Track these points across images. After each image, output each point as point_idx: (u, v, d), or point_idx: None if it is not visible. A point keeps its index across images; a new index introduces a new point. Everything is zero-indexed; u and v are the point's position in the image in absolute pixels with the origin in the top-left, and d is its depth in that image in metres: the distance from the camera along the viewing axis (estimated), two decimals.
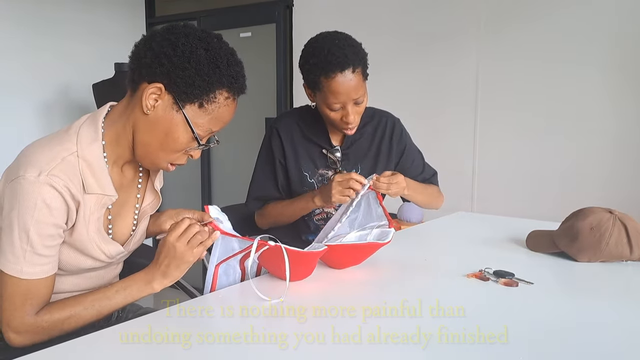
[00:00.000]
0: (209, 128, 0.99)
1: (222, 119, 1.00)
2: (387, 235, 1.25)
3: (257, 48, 3.73)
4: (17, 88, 3.23)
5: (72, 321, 0.96)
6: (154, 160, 1.01)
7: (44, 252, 0.92)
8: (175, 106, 0.96)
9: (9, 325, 0.93)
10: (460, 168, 2.83)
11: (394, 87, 2.99)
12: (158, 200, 1.18)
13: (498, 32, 2.66)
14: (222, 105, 0.98)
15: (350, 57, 1.37)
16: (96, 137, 0.98)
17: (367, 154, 1.62)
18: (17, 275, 0.91)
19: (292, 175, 1.58)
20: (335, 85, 1.37)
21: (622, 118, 2.36)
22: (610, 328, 0.90)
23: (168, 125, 0.96)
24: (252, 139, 3.56)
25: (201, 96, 0.95)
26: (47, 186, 0.89)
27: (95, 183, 0.97)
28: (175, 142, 0.98)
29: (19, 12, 3.20)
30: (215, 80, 0.95)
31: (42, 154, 0.93)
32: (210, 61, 0.94)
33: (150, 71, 0.94)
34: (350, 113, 1.41)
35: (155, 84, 0.94)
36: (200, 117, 0.97)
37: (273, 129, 1.61)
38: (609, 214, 1.28)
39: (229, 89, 0.97)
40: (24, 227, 0.89)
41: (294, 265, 1.07)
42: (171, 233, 1.00)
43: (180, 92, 0.94)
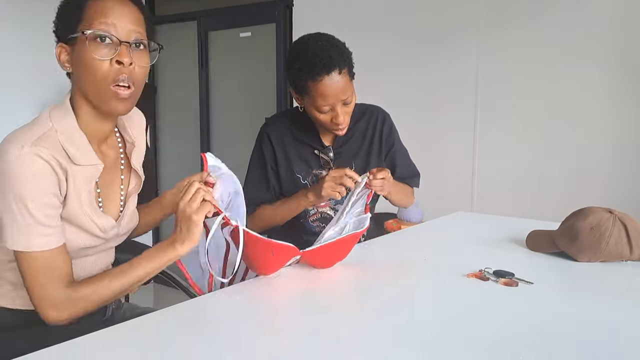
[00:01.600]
0: (98, 28, 0.96)
1: (104, 14, 0.97)
2: (364, 223, 1.24)
3: (257, 48, 3.73)
4: (16, 88, 3.23)
5: (104, 292, 0.97)
6: (101, 96, 0.99)
7: (47, 221, 0.93)
8: (70, 46, 0.99)
9: (45, 303, 0.94)
10: (460, 168, 2.83)
11: (394, 87, 2.99)
12: (140, 181, 1.19)
13: (498, 32, 2.66)
14: (92, 5, 0.98)
15: (335, 58, 1.36)
16: (67, 112, 1.01)
17: (359, 151, 1.61)
18: (27, 250, 0.92)
19: (284, 179, 1.58)
20: (322, 88, 1.36)
21: (622, 118, 2.36)
22: (610, 328, 0.90)
23: (82, 62, 0.97)
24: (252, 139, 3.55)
25: (78, 20, 0.98)
26: (33, 156, 0.91)
27: (78, 154, 0.99)
28: (92, 62, 0.96)
29: (19, 12, 3.20)
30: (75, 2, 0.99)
31: (20, 134, 0.95)
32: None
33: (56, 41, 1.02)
34: (339, 114, 1.40)
35: (57, 46, 1.01)
36: (86, 29, 0.97)
37: (264, 133, 1.61)
38: (609, 214, 1.28)
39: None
40: (21, 201, 0.90)
41: (259, 254, 1.06)
42: (182, 198, 1.01)
43: (63, 33, 1.00)
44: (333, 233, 1.28)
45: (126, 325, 0.90)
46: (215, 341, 0.84)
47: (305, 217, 1.60)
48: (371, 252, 1.44)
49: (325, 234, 1.28)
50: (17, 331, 1.05)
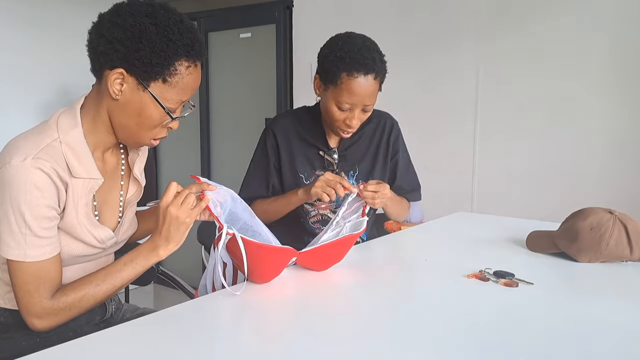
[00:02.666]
0: (179, 99, 1.01)
1: (189, 88, 1.01)
2: (360, 225, 1.24)
3: (257, 48, 3.73)
4: (17, 88, 3.23)
5: (88, 298, 0.98)
6: (135, 139, 1.04)
7: (43, 233, 0.94)
8: (140, 86, 0.97)
9: (30, 312, 0.94)
10: (460, 168, 2.83)
11: (394, 87, 2.98)
12: (140, 189, 1.20)
13: (498, 32, 2.66)
14: (186, 75, 0.99)
15: (378, 63, 1.39)
16: (75, 123, 1.00)
17: (364, 156, 1.61)
18: (22, 260, 0.92)
19: (286, 177, 1.57)
20: (354, 85, 1.37)
21: (622, 118, 2.36)
22: (611, 328, 0.90)
23: (139, 106, 0.98)
24: (252, 139, 3.54)
25: (162, 72, 0.96)
26: (34, 169, 0.91)
27: (80, 167, 0.99)
28: (149, 119, 1.00)
29: (19, 12, 3.20)
30: (171, 53, 0.95)
31: (25, 142, 0.95)
32: (162, 35, 0.94)
33: (108, 58, 0.95)
34: (355, 117, 1.41)
35: (116, 70, 0.95)
36: (167, 91, 0.98)
37: (269, 130, 1.60)
38: (609, 214, 1.27)
39: (187, 58, 0.98)
40: (19, 211, 0.91)
41: (257, 261, 1.05)
42: (162, 199, 1.02)
43: (141, 72, 0.95)
44: (329, 236, 1.28)
45: (126, 326, 0.90)
46: (215, 341, 0.84)
47: (306, 218, 1.60)
48: (371, 253, 1.44)
49: (321, 239, 1.27)
50: (16, 331, 1.05)
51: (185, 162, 4.19)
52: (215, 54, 3.99)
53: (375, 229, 1.79)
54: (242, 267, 1.05)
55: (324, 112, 1.49)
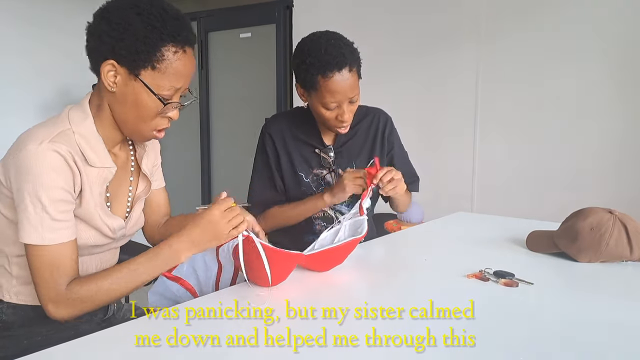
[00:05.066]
0: (172, 86, 1.00)
1: (181, 74, 1.01)
2: (361, 226, 1.25)
3: (257, 48, 3.73)
4: (17, 88, 3.23)
5: (102, 294, 0.97)
6: (138, 132, 1.05)
7: (60, 217, 0.94)
8: (131, 76, 0.98)
9: (46, 298, 0.95)
10: (460, 168, 2.83)
11: (394, 87, 2.99)
12: (149, 185, 1.21)
13: (498, 32, 2.66)
14: (174, 61, 0.99)
15: (348, 56, 1.38)
16: (85, 116, 1.02)
17: (360, 152, 1.62)
18: (39, 243, 0.93)
19: (287, 177, 1.58)
20: (332, 85, 1.37)
21: (622, 118, 2.36)
22: (611, 328, 0.90)
23: (134, 96, 0.99)
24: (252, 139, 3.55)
25: (149, 59, 0.96)
26: (50, 151, 0.92)
27: (94, 156, 1.00)
28: (146, 108, 1.00)
29: (19, 12, 3.20)
30: (155, 39, 0.96)
31: (39, 130, 0.96)
32: (146, 23, 0.95)
33: (99, 52, 0.97)
34: (345, 112, 1.42)
35: (107, 62, 0.97)
36: (158, 78, 0.98)
37: (265, 133, 1.61)
38: (609, 214, 1.27)
39: (174, 43, 0.98)
40: (36, 195, 0.91)
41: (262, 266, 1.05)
42: (217, 206, 1.03)
43: (130, 62, 0.96)
44: (328, 235, 1.28)
45: (126, 326, 0.90)
46: (216, 341, 0.84)
47: (309, 218, 1.60)
48: (371, 253, 1.44)
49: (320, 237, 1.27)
50: (18, 329, 1.05)
51: (185, 161, 4.20)
52: (215, 54, 3.99)
53: (375, 228, 1.79)
54: (252, 271, 1.06)
55: (315, 115, 1.51)
